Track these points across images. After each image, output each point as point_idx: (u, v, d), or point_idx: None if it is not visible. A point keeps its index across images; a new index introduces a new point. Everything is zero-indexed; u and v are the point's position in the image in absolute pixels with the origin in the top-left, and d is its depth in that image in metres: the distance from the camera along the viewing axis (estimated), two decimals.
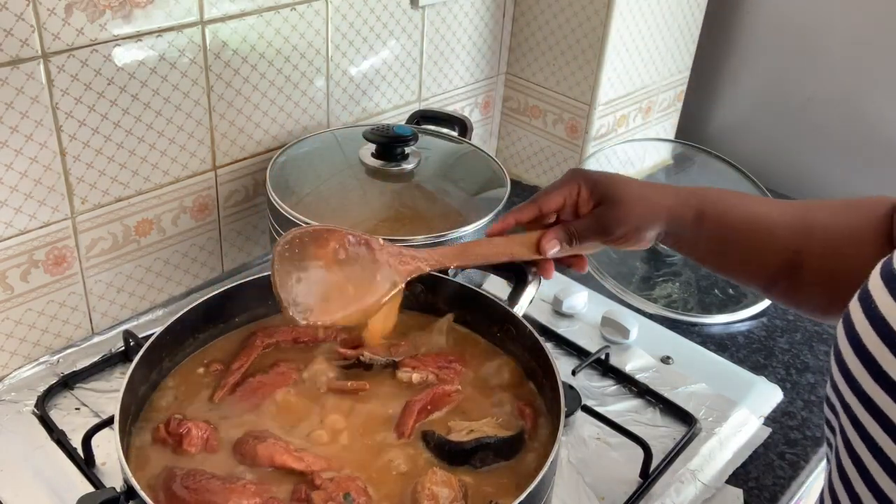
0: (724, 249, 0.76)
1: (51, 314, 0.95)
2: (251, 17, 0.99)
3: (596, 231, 0.77)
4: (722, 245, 0.76)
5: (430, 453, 0.71)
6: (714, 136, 1.61)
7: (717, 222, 0.75)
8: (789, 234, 0.72)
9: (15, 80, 0.81)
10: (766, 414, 1.00)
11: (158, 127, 0.96)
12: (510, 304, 0.81)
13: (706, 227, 0.75)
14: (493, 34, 1.34)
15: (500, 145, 1.49)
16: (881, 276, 0.47)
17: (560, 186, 0.77)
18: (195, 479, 0.65)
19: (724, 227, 0.74)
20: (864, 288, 0.48)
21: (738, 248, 0.75)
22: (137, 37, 0.89)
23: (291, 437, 0.71)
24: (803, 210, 0.74)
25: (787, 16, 1.45)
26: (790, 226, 0.72)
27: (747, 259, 0.75)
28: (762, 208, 0.75)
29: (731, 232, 0.74)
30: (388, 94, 1.23)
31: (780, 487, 0.90)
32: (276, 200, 0.98)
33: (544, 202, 0.77)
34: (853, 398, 0.48)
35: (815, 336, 1.14)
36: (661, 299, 1.16)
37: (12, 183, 0.85)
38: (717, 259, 0.78)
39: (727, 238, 0.75)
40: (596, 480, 0.86)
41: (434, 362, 0.80)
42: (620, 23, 1.26)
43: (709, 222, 0.75)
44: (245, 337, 0.83)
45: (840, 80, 1.42)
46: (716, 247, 0.76)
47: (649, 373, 1.02)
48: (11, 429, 0.87)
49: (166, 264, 1.04)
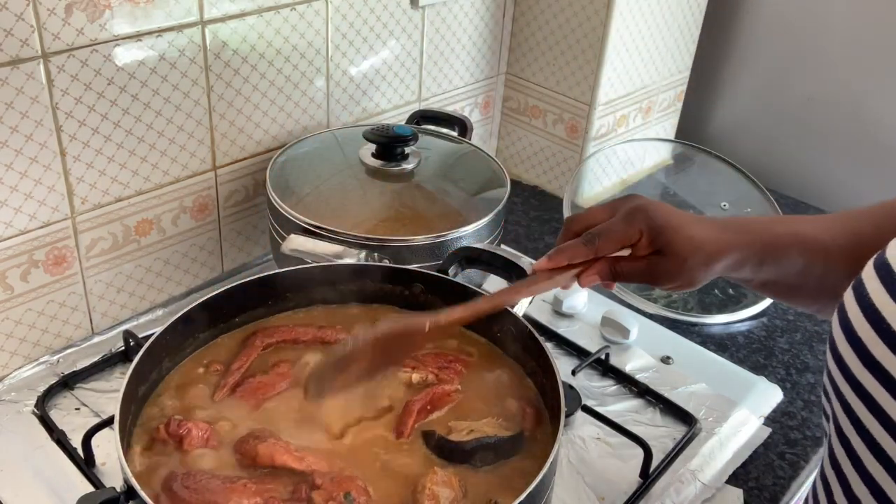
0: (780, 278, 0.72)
1: (51, 314, 0.95)
2: (251, 17, 0.99)
3: (644, 278, 0.72)
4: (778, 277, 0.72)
5: (430, 453, 0.71)
6: (714, 136, 1.61)
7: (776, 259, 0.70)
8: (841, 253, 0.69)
9: (15, 80, 0.81)
10: (766, 414, 1.00)
11: (158, 127, 0.96)
12: (510, 305, 0.81)
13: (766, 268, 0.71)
14: (493, 34, 1.34)
15: (500, 145, 1.49)
16: (874, 266, 0.49)
17: (621, 229, 0.70)
18: (196, 478, 0.65)
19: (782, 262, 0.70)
20: (858, 278, 0.49)
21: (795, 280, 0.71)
22: (137, 37, 0.89)
23: (292, 436, 0.71)
24: (850, 224, 0.71)
25: (787, 16, 1.45)
26: (841, 246, 0.69)
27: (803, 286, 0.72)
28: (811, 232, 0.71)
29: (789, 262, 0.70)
30: (388, 94, 1.23)
31: (780, 487, 0.90)
32: (276, 200, 0.98)
33: (602, 246, 0.70)
34: (845, 385, 0.49)
35: (815, 336, 1.14)
36: (661, 299, 1.16)
37: (12, 183, 0.85)
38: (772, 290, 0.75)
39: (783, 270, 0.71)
40: (596, 480, 0.86)
41: (434, 362, 0.80)
42: (620, 23, 1.26)
43: (769, 260, 0.70)
44: (245, 337, 0.83)
45: (840, 80, 1.42)
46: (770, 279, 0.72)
47: (649, 373, 1.02)
48: (11, 429, 0.86)
49: (166, 264, 1.04)
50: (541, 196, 1.42)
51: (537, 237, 1.31)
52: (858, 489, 0.49)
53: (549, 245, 1.29)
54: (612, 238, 0.70)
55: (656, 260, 0.70)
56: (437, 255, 0.94)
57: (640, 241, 0.70)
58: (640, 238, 0.70)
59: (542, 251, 1.26)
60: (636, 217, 0.70)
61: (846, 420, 0.49)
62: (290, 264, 0.88)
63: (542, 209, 1.38)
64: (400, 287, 0.86)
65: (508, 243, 1.24)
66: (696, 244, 0.69)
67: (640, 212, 0.70)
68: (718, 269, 0.70)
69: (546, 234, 1.31)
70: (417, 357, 0.81)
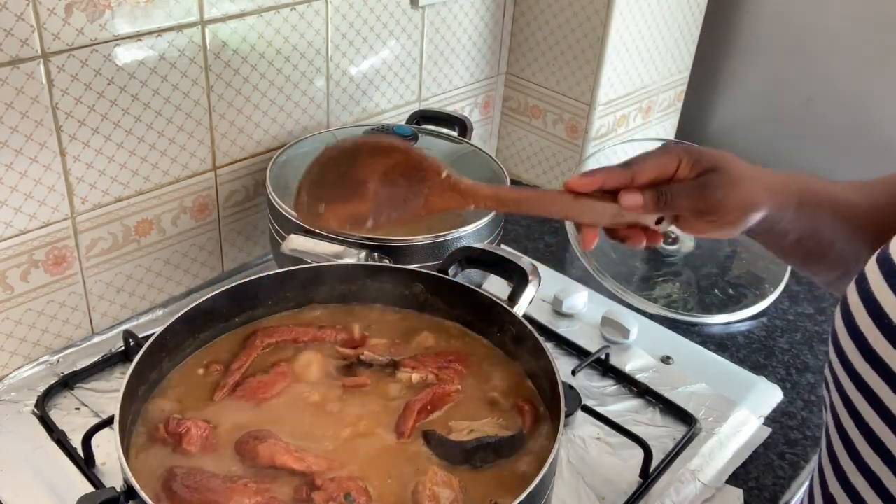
0: (811, 238, 0.70)
1: (51, 314, 0.95)
2: (251, 17, 0.99)
3: (694, 196, 0.66)
4: (810, 235, 0.69)
5: (430, 453, 0.71)
6: (714, 136, 1.61)
7: (812, 211, 0.68)
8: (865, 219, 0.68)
9: (15, 80, 0.81)
10: (766, 414, 1.00)
11: (158, 127, 0.96)
12: (510, 304, 0.81)
13: (802, 215, 0.68)
14: (493, 34, 1.34)
15: (500, 145, 1.49)
16: (876, 261, 0.49)
17: (657, 154, 0.67)
18: (196, 478, 0.65)
19: (816, 217, 0.69)
20: (861, 272, 0.50)
21: (825, 238, 0.69)
22: (137, 37, 0.89)
23: (292, 437, 0.71)
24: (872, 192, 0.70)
25: (787, 16, 1.45)
26: (866, 212, 0.68)
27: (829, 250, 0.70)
28: (842, 194, 0.70)
29: (821, 220, 0.69)
30: (388, 94, 1.23)
31: (780, 487, 0.90)
32: (276, 200, 0.98)
33: (640, 170, 0.66)
34: (846, 378, 0.49)
35: (815, 336, 1.14)
36: (661, 299, 1.16)
37: (12, 183, 0.85)
38: (800, 253, 0.72)
39: (816, 228, 0.69)
40: (596, 480, 0.86)
41: (434, 362, 0.80)
42: (620, 23, 1.26)
43: (806, 210, 0.68)
44: (245, 337, 0.83)
45: (840, 80, 1.42)
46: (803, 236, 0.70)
47: (649, 373, 1.02)
48: (11, 429, 0.86)
49: (166, 264, 1.04)
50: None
51: (537, 237, 1.31)
52: (856, 480, 0.49)
53: (549, 245, 1.29)
54: (649, 162, 0.66)
55: (707, 177, 0.66)
56: (437, 255, 0.94)
57: (681, 169, 0.66)
58: (679, 165, 0.66)
59: (542, 251, 1.27)
60: (672, 147, 0.68)
61: (845, 412, 0.49)
62: (290, 264, 0.88)
63: None
64: (400, 287, 0.86)
65: (508, 243, 1.24)
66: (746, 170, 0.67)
67: (676, 144, 0.68)
68: (770, 200, 0.66)
69: (546, 234, 1.31)
70: (417, 357, 0.81)
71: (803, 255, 0.72)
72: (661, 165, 0.66)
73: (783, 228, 0.69)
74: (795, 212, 0.68)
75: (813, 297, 1.22)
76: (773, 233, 0.69)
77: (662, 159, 0.66)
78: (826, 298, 1.22)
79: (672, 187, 0.66)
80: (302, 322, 0.85)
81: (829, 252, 0.70)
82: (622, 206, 0.66)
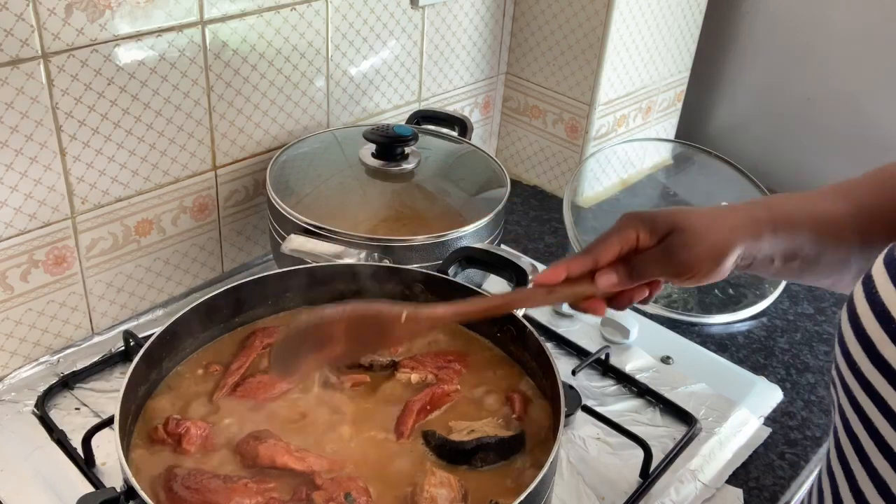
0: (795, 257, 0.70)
1: (51, 314, 0.95)
2: (251, 17, 0.99)
3: (661, 262, 0.67)
4: (793, 254, 0.69)
5: (430, 453, 0.71)
6: (714, 136, 1.61)
7: (789, 232, 0.68)
8: (850, 225, 0.68)
9: (15, 80, 0.81)
10: (766, 414, 1.00)
11: (158, 127, 0.96)
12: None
13: (780, 238, 0.68)
14: (493, 34, 1.34)
15: (500, 145, 1.49)
16: (883, 262, 0.49)
17: (614, 231, 0.69)
18: (196, 478, 0.65)
19: (795, 237, 0.68)
20: (868, 273, 0.50)
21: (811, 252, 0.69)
22: (137, 37, 0.89)
23: (292, 437, 0.71)
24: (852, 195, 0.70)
25: (787, 16, 1.45)
26: (849, 218, 0.68)
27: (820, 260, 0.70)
28: (820, 208, 0.70)
29: (802, 239, 0.69)
30: (388, 94, 1.23)
31: (780, 487, 0.90)
32: (276, 200, 0.98)
33: (600, 252, 0.67)
34: (854, 381, 0.49)
35: (815, 336, 1.14)
36: (661, 299, 1.16)
37: (12, 183, 0.85)
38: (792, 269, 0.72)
39: (798, 247, 0.69)
40: (596, 480, 0.86)
41: (433, 362, 0.80)
42: (620, 23, 1.26)
43: (782, 232, 0.68)
44: (244, 337, 0.83)
45: (840, 80, 1.42)
46: (787, 257, 0.70)
47: (649, 373, 1.02)
48: (11, 429, 0.86)
49: (166, 264, 1.04)
50: (541, 196, 1.42)
51: (537, 237, 1.31)
52: (864, 485, 0.49)
53: (549, 245, 1.29)
54: (608, 242, 0.68)
55: (669, 240, 0.67)
56: (437, 255, 0.94)
57: (641, 239, 0.68)
58: (639, 236, 0.68)
59: (542, 251, 1.27)
60: (628, 219, 0.69)
61: (854, 415, 0.49)
62: (290, 264, 0.88)
63: (542, 209, 1.38)
64: (400, 287, 0.86)
65: (508, 243, 1.24)
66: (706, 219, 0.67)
67: (631, 214, 0.69)
68: (739, 239, 0.67)
69: (546, 233, 1.31)
70: (416, 357, 0.81)
71: (794, 274, 0.73)
72: (620, 241, 0.68)
73: (766, 256, 0.69)
74: (772, 238, 0.68)
75: (813, 298, 1.22)
76: (758, 263, 0.70)
77: (620, 235, 0.68)
78: (826, 298, 1.22)
79: (640, 259, 0.68)
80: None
81: (817, 264, 0.70)
82: (599, 287, 0.67)
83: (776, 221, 0.68)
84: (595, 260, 0.68)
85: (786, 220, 0.68)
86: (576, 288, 0.68)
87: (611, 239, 0.68)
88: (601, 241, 0.68)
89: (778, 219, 0.68)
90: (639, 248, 0.68)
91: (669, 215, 0.68)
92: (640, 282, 0.68)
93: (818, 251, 0.69)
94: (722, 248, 0.66)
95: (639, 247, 0.68)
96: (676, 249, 0.66)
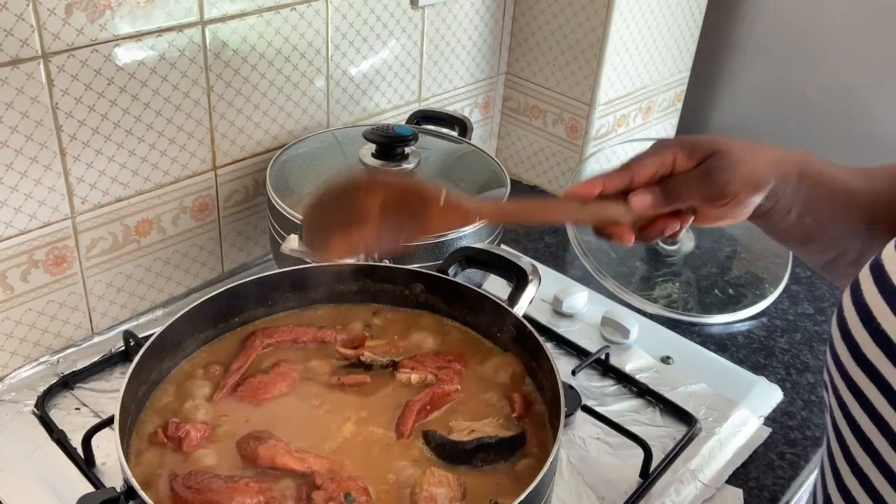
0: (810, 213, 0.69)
1: (51, 314, 0.95)
2: (251, 17, 0.99)
3: (700, 184, 0.66)
4: (809, 210, 0.69)
5: (430, 453, 0.71)
6: None
7: (812, 183, 0.68)
8: (861, 202, 0.68)
9: (15, 80, 0.81)
10: (766, 414, 1.00)
11: (158, 127, 0.96)
12: (510, 304, 0.81)
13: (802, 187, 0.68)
14: (493, 34, 1.34)
15: (500, 145, 1.49)
16: (869, 267, 0.49)
17: (652, 152, 0.67)
18: (197, 478, 0.65)
19: (816, 190, 0.68)
20: (855, 279, 0.50)
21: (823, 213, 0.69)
22: (137, 37, 0.89)
23: (292, 437, 0.71)
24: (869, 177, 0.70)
25: (787, 16, 1.45)
26: (862, 194, 0.68)
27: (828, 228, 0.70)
28: (838, 174, 0.70)
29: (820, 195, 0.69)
30: (388, 94, 1.23)
31: (780, 487, 0.90)
32: (276, 200, 0.98)
33: (636, 170, 0.66)
34: (841, 382, 0.49)
35: (815, 336, 1.14)
36: (661, 299, 1.16)
37: (12, 183, 0.85)
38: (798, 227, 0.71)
39: (815, 203, 0.69)
40: (596, 480, 0.86)
41: (433, 362, 0.80)
42: (620, 23, 1.26)
43: (806, 182, 0.68)
44: (245, 337, 0.83)
45: (840, 80, 1.42)
46: (803, 212, 0.69)
47: (649, 373, 1.02)
48: (11, 429, 0.86)
49: (166, 264, 1.04)
50: (541, 196, 1.42)
51: (537, 237, 1.31)
52: (850, 481, 0.50)
53: (549, 245, 1.29)
54: (645, 161, 0.66)
55: (707, 163, 0.66)
56: (437, 255, 0.94)
57: (678, 162, 0.67)
58: (676, 158, 0.67)
59: (542, 251, 1.27)
60: (665, 142, 0.68)
61: (840, 414, 0.50)
62: (290, 264, 0.88)
63: None
64: (400, 287, 0.86)
65: (508, 243, 1.24)
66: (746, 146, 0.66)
67: (665, 140, 0.68)
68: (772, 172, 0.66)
69: (546, 233, 1.31)
70: (416, 357, 0.81)
71: (802, 234, 0.72)
72: (657, 162, 0.66)
73: (787, 202, 0.68)
74: (796, 183, 0.67)
75: (813, 298, 1.22)
76: (777, 209, 0.69)
77: (658, 156, 0.66)
78: (826, 299, 1.22)
79: (677, 180, 0.66)
80: (302, 322, 0.85)
81: (826, 230, 0.70)
82: (633, 207, 0.66)
83: (803, 170, 0.68)
84: (631, 177, 0.66)
85: (812, 172, 0.68)
86: (609, 207, 0.66)
87: (647, 159, 0.66)
88: (637, 161, 0.67)
89: (805, 168, 0.68)
90: (674, 172, 0.67)
91: (709, 140, 0.67)
92: (675, 205, 0.67)
93: (831, 214, 0.68)
94: (758, 178, 0.66)
95: (675, 170, 0.67)
96: (717, 171, 0.65)
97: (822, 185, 0.68)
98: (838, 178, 0.69)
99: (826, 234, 0.70)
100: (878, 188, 0.69)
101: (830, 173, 0.69)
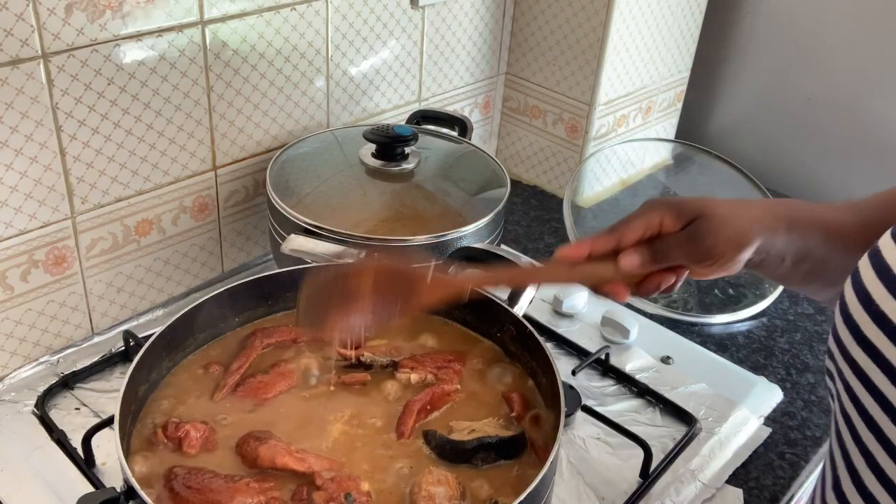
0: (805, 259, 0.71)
1: (51, 314, 0.95)
2: (251, 17, 0.99)
3: (685, 247, 0.68)
4: (804, 256, 0.70)
5: (431, 453, 0.71)
6: (714, 136, 1.61)
7: (802, 232, 0.70)
8: (857, 239, 0.69)
9: (15, 80, 0.81)
10: (766, 414, 1.00)
11: (158, 127, 0.96)
12: (510, 304, 0.81)
13: (793, 237, 0.70)
14: (493, 34, 1.34)
15: (500, 145, 1.49)
16: (868, 255, 0.51)
17: (639, 214, 0.69)
18: (197, 478, 0.65)
19: (807, 237, 0.70)
20: (855, 268, 0.52)
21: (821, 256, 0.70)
22: (137, 37, 0.89)
23: (292, 437, 0.71)
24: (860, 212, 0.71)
25: (787, 16, 1.45)
26: (856, 232, 0.69)
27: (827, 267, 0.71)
28: (830, 215, 0.71)
29: (813, 240, 0.70)
30: (388, 94, 1.23)
31: (780, 487, 0.90)
32: (276, 200, 0.98)
33: (624, 232, 0.68)
34: (844, 365, 0.51)
35: (815, 336, 1.14)
36: (661, 299, 1.16)
37: (12, 183, 0.85)
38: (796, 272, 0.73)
39: (809, 248, 0.70)
40: (596, 480, 0.86)
41: (433, 362, 0.80)
42: (620, 23, 1.26)
43: (796, 231, 0.70)
44: (245, 337, 0.83)
45: (840, 80, 1.42)
46: (798, 258, 0.71)
47: (649, 373, 1.02)
48: (11, 429, 0.86)
49: (166, 264, 1.04)
50: (541, 196, 1.42)
51: (537, 237, 1.31)
52: (857, 461, 0.51)
53: (549, 245, 1.29)
54: (633, 223, 0.68)
55: (693, 226, 0.68)
56: (437, 255, 0.94)
57: (665, 223, 0.68)
58: (663, 220, 0.68)
59: (542, 251, 1.27)
60: (653, 204, 0.69)
61: (847, 399, 0.51)
62: (290, 264, 0.88)
63: (542, 209, 1.38)
64: None
65: (508, 243, 1.24)
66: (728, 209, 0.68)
67: (655, 200, 0.70)
68: (758, 232, 0.68)
69: (546, 233, 1.31)
70: (416, 357, 0.81)
71: (801, 278, 0.74)
72: (645, 224, 0.68)
73: (778, 253, 0.70)
74: (786, 235, 0.69)
75: (813, 298, 1.22)
76: (769, 260, 0.71)
77: (646, 218, 0.68)
78: None
79: (664, 242, 0.68)
80: None
81: (824, 271, 0.71)
82: (621, 267, 0.68)
83: (791, 220, 0.69)
84: (618, 240, 0.68)
85: (800, 221, 0.70)
86: (598, 267, 0.68)
87: (635, 221, 0.68)
88: (625, 223, 0.68)
89: (793, 218, 0.70)
90: (662, 233, 0.68)
91: (696, 202, 0.69)
92: (662, 265, 0.69)
93: (827, 256, 0.70)
94: (743, 238, 0.68)
95: (662, 231, 0.68)
96: (702, 235, 0.67)
97: (813, 231, 0.70)
98: (829, 219, 0.71)
99: (825, 274, 0.72)
100: (870, 219, 0.70)
101: (820, 217, 0.71)
